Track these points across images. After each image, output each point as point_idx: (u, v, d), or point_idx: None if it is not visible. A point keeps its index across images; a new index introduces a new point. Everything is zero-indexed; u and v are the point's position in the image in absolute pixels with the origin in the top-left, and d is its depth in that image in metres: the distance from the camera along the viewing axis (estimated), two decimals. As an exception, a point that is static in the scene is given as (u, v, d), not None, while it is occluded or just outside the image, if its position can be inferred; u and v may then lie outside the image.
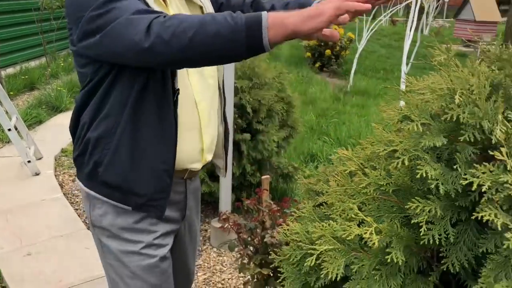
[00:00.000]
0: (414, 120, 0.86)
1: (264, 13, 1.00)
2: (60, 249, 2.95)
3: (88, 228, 3.19)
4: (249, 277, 2.35)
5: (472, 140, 0.80)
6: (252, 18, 1.00)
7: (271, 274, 2.28)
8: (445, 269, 0.83)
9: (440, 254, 0.83)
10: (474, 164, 0.76)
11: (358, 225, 0.87)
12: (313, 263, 0.86)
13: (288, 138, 3.54)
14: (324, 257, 0.87)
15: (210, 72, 1.39)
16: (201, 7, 1.37)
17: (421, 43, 8.32)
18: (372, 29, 7.90)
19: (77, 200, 3.65)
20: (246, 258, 2.42)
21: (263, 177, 2.87)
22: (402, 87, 3.68)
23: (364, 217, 0.82)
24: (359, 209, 0.89)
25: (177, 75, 1.24)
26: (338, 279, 0.85)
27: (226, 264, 2.91)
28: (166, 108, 1.24)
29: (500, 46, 0.98)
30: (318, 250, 0.86)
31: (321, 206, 1.11)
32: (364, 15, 8.18)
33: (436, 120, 0.86)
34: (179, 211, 1.45)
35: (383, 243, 0.80)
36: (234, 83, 2.92)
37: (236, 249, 2.46)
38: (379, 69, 9.71)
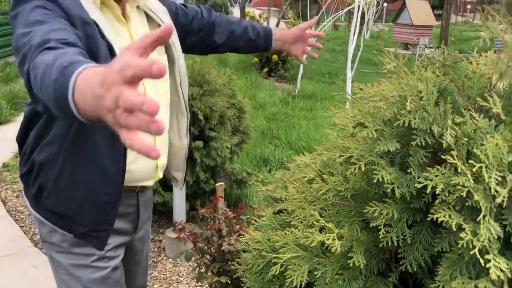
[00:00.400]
0: (368, 127, 0.89)
1: (74, 76, 0.73)
2: (6, 269, 2.79)
3: (36, 245, 3.04)
4: (207, 286, 2.33)
5: (423, 144, 0.84)
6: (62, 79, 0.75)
7: (229, 282, 2.27)
8: (403, 269, 0.86)
9: (399, 255, 0.86)
10: (427, 168, 0.79)
11: (320, 231, 0.89)
12: (277, 272, 0.86)
13: (241, 144, 3.55)
14: (288, 265, 0.88)
15: (163, 90, 1.36)
16: (159, 25, 1.36)
17: (364, 47, 8.62)
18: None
19: (22, 216, 3.47)
20: (203, 267, 2.40)
21: (217, 184, 2.86)
22: (349, 91, 3.81)
23: (326, 224, 0.83)
24: (320, 215, 0.90)
25: None
26: (302, 286, 0.87)
27: (182, 275, 2.87)
28: (111, 137, 1.17)
29: (443, 53, 1.03)
30: (282, 259, 0.86)
31: (280, 213, 1.12)
32: (309, 20, 8.36)
33: (388, 126, 0.90)
34: (131, 223, 1.42)
35: (344, 248, 0.82)
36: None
37: (193, 258, 2.43)
38: (325, 73, 9.96)
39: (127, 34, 1.26)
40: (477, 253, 0.69)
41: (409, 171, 0.83)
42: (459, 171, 0.75)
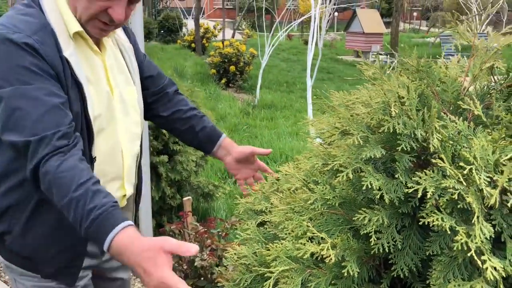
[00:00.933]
0: (354, 134, 0.88)
1: (113, 232, 0.95)
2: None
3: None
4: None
5: (408, 149, 0.84)
6: (102, 229, 0.96)
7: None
8: (395, 275, 0.85)
9: (390, 261, 0.85)
10: (416, 172, 0.80)
11: (309, 241, 0.87)
12: (270, 286, 0.84)
13: (205, 156, 3.51)
14: (279, 278, 0.85)
15: (135, 119, 1.33)
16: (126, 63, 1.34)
17: (317, 56, 8.78)
18: (273, 45, 8.17)
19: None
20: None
21: (184, 199, 2.80)
22: (309, 100, 3.83)
23: (318, 233, 0.82)
24: (308, 226, 0.89)
25: (94, 143, 1.18)
26: None
27: (153, 294, 2.78)
28: None
29: (417, 58, 1.05)
30: (274, 272, 0.84)
31: (264, 226, 1.10)
32: (265, 31, 8.36)
33: (372, 132, 0.90)
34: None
35: (338, 258, 0.80)
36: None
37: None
38: (282, 83, 10.07)
39: (101, 65, 1.23)
40: (473, 254, 0.69)
41: (396, 176, 0.83)
42: (447, 174, 0.75)
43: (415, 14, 29.09)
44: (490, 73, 0.96)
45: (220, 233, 2.36)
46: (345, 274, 0.80)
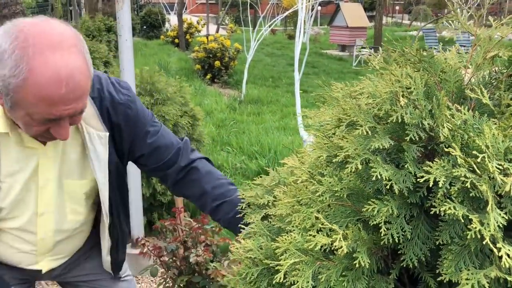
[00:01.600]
0: (362, 124, 0.87)
1: None
2: None
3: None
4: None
5: (416, 139, 0.84)
6: None
7: (198, 294, 2.21)
8: (404, 265, 0.85)
9: (399, 252, 0.85)
10: (426, 162, 0.79)
11: (318, 233, 0.86)
12: (281, 279, 0.83)
13: (195, 152, 3.48)
14: (290, 271, 0.85)
15: (72, 208, 1.34)
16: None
17: (302, 50, 8.80)
18: (258, 40, 8.15)
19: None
20: (170, 282, 2.31)
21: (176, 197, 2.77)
22: (297, 94, 3.82)
23: (330, 225, 0.81)
24: (316, 218, 0.88)
25: None
26: None
27: (145, 291, 2.76)
28: None
29: (417, 50, 1.04)
30: (284, 265, 0.83)
31: (268, 219, 1.09)
32: (250, 26, 8.35)
33: (380, 123, 0.89)
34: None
35: (349, 249, 0.80)
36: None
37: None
38: (268, 77, 10.05)
39: (33, 162, 1.21)
40: (489, 242, 0.70)
41: (405, 166, 0.82)
42: (459, 162, 0.75)
43: (397, 8, 29.31)
44: (491, 63, 0.96)
45: (213, 229, 2.34)
46: (356, 265, 0.80)
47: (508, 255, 0.71)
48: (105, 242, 1.44)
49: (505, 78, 0.93)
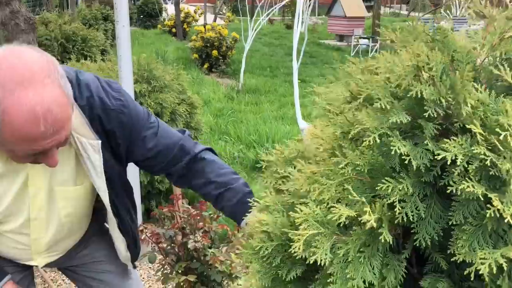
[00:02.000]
0: (380, 98, 0.85)
1: None
2: None
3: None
4: (171, 287, 2.24)
5: (434, 115, 0.82)
6: None
7: (197, 280, 2.21)
8: (417, 244, 0.84)
9: (412, 231, 0.84)
10: (444, 139, 0.78)
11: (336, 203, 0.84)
12: (300, 249, 0.81)
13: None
14: (311, 242, 0.82)
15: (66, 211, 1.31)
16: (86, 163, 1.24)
17: (300, 40, 8.75)
18: (256, 29, 8.09)
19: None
20: (168, 268, 2.31)
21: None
22: (295, 83, 3.78)
23: (358, 198, 0.79)
24: (335, 191, 0.86)
25: None
26: (326, 264, 0.82)
27: (143, 278, 2.75)
28: None
29: (433, 27, 1.02)
30: (303, 236, 0.81)
31: (282, 194, 1.07)
32: (248, 15, 8.30)
33: (396, 98, 0.88)
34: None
35: (373, 224, 0.78)
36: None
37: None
38: (266, 67, 10.01)
39: (23, 174, 1.19)
40: (510, 220, 0.68)
41: (424, 142, 0.81)
42: (478, 140, 0.74)
43: (395, -2, 29.19)
44: (508, 44, 0.94)
45: (212, 215, 2.33)
46: (382, 240, 0.78)
47: None
48: (119, 241, 1.43)
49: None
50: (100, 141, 1.19)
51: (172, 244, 2.29)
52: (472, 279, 0.73)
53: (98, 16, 9.82)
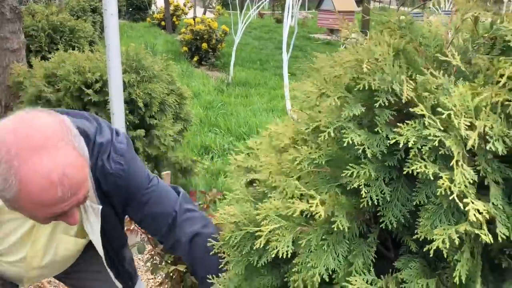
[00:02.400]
0: (330, 95, 0.88)
1: None
2: None
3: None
4: (160, 277, 2.26)
5: (386, 104, 0.84)
6: None
7: (187, 270, 2.22)
8: (383, 227, 0.86)
9: (378, 214, 0.87)
10: (398, 124, 0.80)
11: (299, 199, 0.87)
12: (261, 245, 0.84)
13: (182, 132, 3.48)
14: (271, 236, 0.86)
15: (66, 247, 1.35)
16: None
17: (289, 34, 8.76)
18: (245, 22, 8.09)
19: None
20: (157, 258, 2.32)
21: (164, 173, 2.78)
22: (285, 73, 3.82)
23: (307, 191, 0.82)
24: (295, 186, 0.89)
25: None
26: (288, 255, 0.85)
27: (133, 268, 2.76)
28: None
29: (397, 17, 1.05)
30: (264, 231, 0.84)
31: (253, 184, 1.10)
32: (238, 9, 8.28)
33: (351, 91, 0.90)
34: None
35: (327, 214, 0.81)
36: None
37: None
38: (256, 60, 10.01)
39: (29, 223, 1.22)
40: (455, 197, 0.71)
41: (376, 130, 0.83)
42: (427, 123, 0.76)
43: (385, -8, 29.22)
44: (474, 26, 0.97)
45: (201, 205, 2.35)
46: (335, 229, 0.81)
47: (479, 211, 0.72)
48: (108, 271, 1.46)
49: (484, 42, 0.94)
50: (100, 207, 1.21)
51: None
52: (431, 255, 0.75)
53: (86, 7, 9.74)
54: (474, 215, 0.72)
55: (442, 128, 0.77)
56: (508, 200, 0.79)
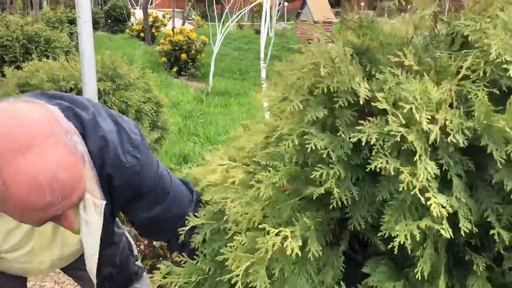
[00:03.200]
0: (293, 100, 0.87)
1: None
2: None
3: None
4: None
5: (347, 104, 0.84)
6: None
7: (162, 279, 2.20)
8: (351, 229, 0.85)
9: (346, 215, 0.85)
10: (359, 121, 0.80)
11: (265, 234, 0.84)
12: (242, 286, 0.82)
13: (160, 140, 3.46)
14: (249, 273, 0.82)
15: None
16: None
17: (269, 44, 8.82)
18: (224, 32, 8.13)
19: None
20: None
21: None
22: (263, 76, 3.80)
23: (274, 229, 0.79)
24: (264, 216, 0.88)
25: None
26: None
27: (109, 278, 2.72)
28: None
29: (358, 15, 1.06)
30: (239, 275, 0.82)
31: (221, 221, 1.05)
32: (216, 21, 8.29)
33: (313, 94, 0.89)
34: None
35: (299, 244, 0.79)
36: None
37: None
38: (235, 70, 10.05)
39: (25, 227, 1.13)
40: (417, 192, 0.70)
41: (340, 131, 0.83)
42: (389, 119, 0.76)
43: (362, 3, 29.74)
44: (434, 23, 0.99)
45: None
46: (311, 257, 0.79)
47: (442, 205, 0.71)
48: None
49: (444, 38, 0.96)
50: (104, 202, 1.07)
51: (138, 242, 2.28)
52: (396, 253, 0.74)
53: (63, 18, 9.67)
54: (437, 209, 0.71)
55: (404, 122, 0.76)
56: (470, 193, 0.80)
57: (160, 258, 2.26)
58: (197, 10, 21.94)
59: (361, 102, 0.81)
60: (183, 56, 9.30)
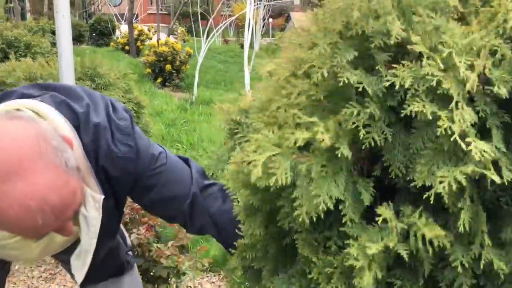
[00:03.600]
0: (319, 44, 0.80)
1: None
2: None
3: None
4: None
5: (382, 46, 0.77)
6: None
7: (141, 277, 2.06)
8: (387, 165, 0.77)
9: (383, 158, 0.78)
10: (393, 65, 0.74)
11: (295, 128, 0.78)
12: (260, 173, 0.72)
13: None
14: (269, 164, 0.74)
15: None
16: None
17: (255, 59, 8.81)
18: (209, 42, 8.08)
19: None
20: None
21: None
22: (247, 81, 3.73)
23: (308, 118, 0.73)
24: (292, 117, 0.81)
25: None
26: (288, 182, 0.74)
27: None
28: None
29: None
30: (259, 160, 0.73)
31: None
32: (201, 36, 8.24)
33: (343, 37, 0.83)
34: None
35: (332, 141, 0.72)
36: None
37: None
38: (220, 82, 9.99)
39: None
40: (457, 137, 0.65)
41: (376, 69, 0.77)
42: (426, 62, 0.70)
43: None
44: None
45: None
46: (339, 155, 0.72)
47: (484, 151, 0.65)
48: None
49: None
50: (102, 197, 1.03)
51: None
52: (432, 203, 0.67)
53: (46, 28, 9.50)
54: (479, 155, 0.65)
55: (442, 67, 0.70)
56: (506, 145, 0.73)
57: (138, 256, 2.11)
58: (183, 25, 21.99)
59: (392, 42, 0.74)
60: (168, 67, 9.21)
